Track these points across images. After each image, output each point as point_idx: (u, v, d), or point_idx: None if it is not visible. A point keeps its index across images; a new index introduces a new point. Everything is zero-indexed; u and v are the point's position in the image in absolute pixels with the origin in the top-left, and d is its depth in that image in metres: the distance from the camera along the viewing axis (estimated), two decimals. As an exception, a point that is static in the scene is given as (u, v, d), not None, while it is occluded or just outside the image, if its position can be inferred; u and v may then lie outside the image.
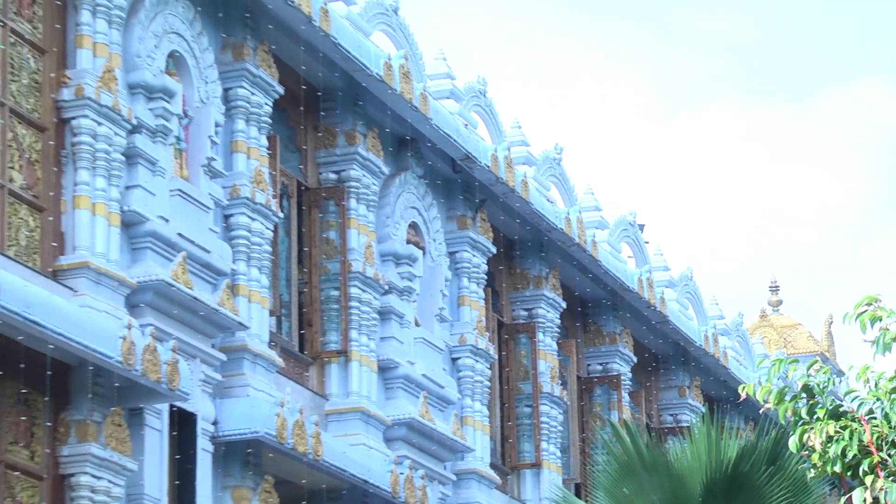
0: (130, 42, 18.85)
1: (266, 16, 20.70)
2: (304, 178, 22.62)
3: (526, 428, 26.44)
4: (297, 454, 19.79)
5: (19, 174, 17.62)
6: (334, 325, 22.21)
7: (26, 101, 17.83)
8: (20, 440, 17.03)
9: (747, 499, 15.45)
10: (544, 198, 26.74)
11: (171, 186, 19.06)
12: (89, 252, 17.82)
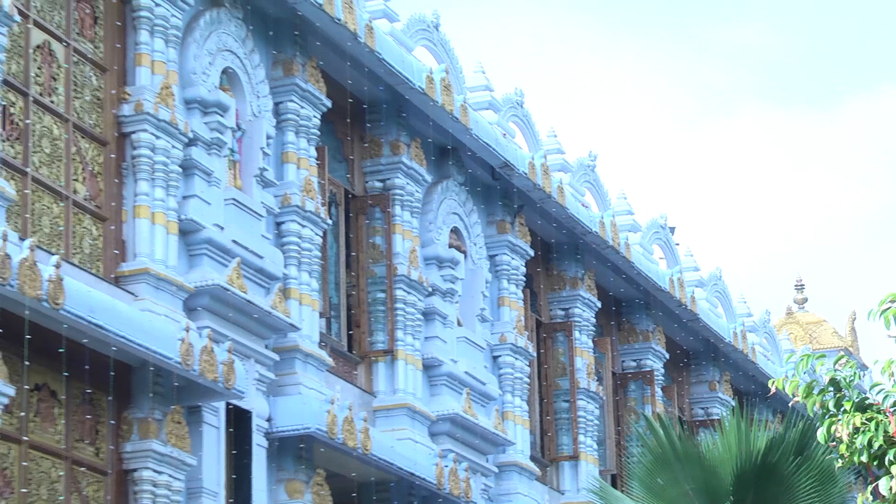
0: (186, 59, 18.92)
1: (314, 33, 20.73)
2: (351, 186, 22.65)
3: (564, 422, 26.42)
4: (347, 449, 19.81)
5: (83, 186, 17.68)
6: (381, 325, 22.23)
7: (89, 116, 17.89)
8: (86, 438, 17.09)
9: (776, 488, 15.41)
10: (579, 203, 26.73)
11: (226, 196, 19.12)
12: (149, 259, 17.88)
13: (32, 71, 17.13)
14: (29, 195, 16.77)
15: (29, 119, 16.96)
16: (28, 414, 16.29)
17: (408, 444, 21.43)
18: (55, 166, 17.32)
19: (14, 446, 16.13)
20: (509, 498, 24.08)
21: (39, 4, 17.36)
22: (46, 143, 17.25)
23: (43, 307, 15.56)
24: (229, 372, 17.72)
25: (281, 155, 20.51)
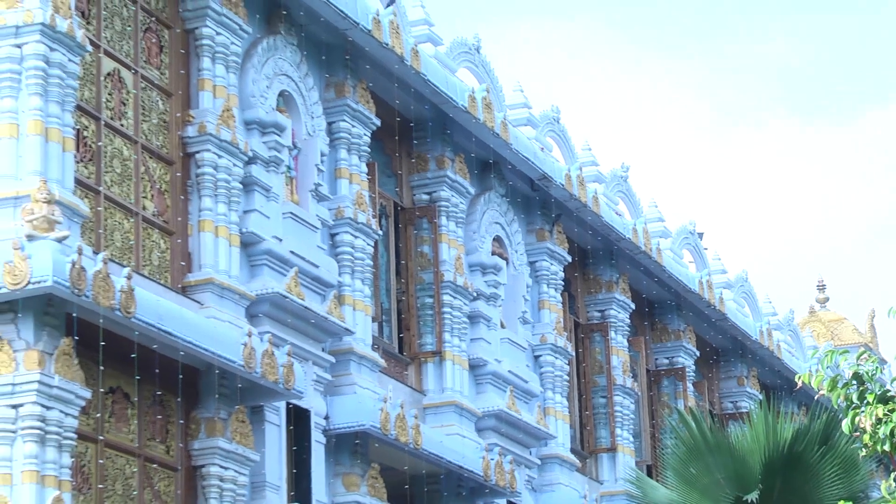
0: (245, 84, 18.97)
1: (364, 57, 20.77)
2: (399, 199, 22.66)
3: (602, 416, 26.37)
4: (399, 444, 19.81)
5: (151, 202, 17.73)
6: (429, 328, 22.22)
7: (156, 138, 17.94)
8: (157, 436, 17.13)
9: (802, 476, 15.35)
10: (613, 211, 26.69)
11: (284, 210, 19.16)
12: (213, 269, 17.92)
13: (104, 97, 17.20)
14: (102, 212, 16.83)
15: (101, 141, 17.02)
16: (103, 415, 16.36)
17: (456, 438, 21.42)
18: (125, 185, 17.38)
19: (91, 445, 16.18)
20: (552, 488, 24.06)
21: (109, 35, 17.44)
22: (117, 164, 17.32)
23: (116, 316, 15.61)
24: (289, 374, 17.76)
25: (334, 171, 20.55)
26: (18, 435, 15.18)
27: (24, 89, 15.89)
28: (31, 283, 14.96)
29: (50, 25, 15.89)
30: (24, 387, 15.19)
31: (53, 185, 15.66)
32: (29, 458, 15.13)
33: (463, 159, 22.99)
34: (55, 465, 15.29)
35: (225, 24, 18.51)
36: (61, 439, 15.38)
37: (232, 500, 17.48)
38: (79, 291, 15.10)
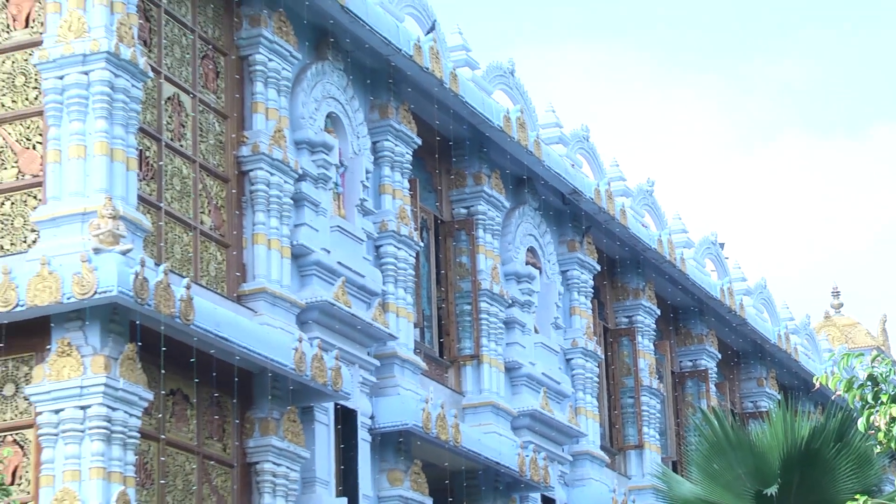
0: (296, 106, 19.01)
1: (405, 81, 20.79)
2: (439, 213, 22.67)
3: (629, 415, 26.32)
4: (440, 442, 19.81)
5: (208, 217, 17.78)
6: (468, 333, 22.22)
7: (213, 157, 18.00)
8: (214, 435, 17.17)
9: (819, 471, 15.29)
10: (640, 223, 26.64)
11: (331, 223, 19.18)
12: (266, 279, 17.95)
13: (164, 119, 17.26)
14: (163, 226, 16.88)
15: (162, 161, 17.09)
16: (165, 415, 16.41)
17: (493, 436, 21.40)
18: (184, 201, 17.43)
19: (153, 443, 16.23)
20: (583, 483, 24.00)
21: (169, 62, 17.51)
22: (177, 182, 17.37)
23: (176, 323, 15.67)
24: (337, 376, 17.78)
25: (378, 187, 20.57)
26: (86, 434, 15.24)
27: (90, 113, 15.97)
28: (97, 293, 15.04)
29: (115, 54, 15.97)
30: (92, 389, 15.25)
31: (118, 201, 15.72)
32: (96, 455, 15.18)
33: (498, 175, 22.99)
34: (120, 462, 15.33)
35: (276, 51, 18.57)
36: (126, 438, 15.44)
37: (284, 494, 17.50)
38: (142, 301, 15.16)
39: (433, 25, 21.66)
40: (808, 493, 15.27)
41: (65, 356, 15.36)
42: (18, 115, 16.56)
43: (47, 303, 15.19)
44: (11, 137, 16.56)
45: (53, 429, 15.31)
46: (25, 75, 16.58)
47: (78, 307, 15.26)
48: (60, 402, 15.32)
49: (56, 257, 15.38)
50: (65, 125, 16.03)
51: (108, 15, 16.13)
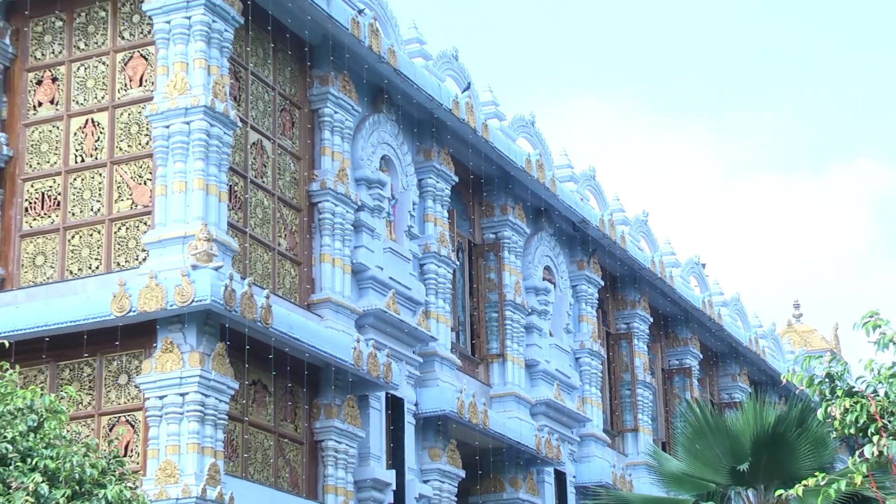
0: (356, 150, 19.06)
1: (446, 130, 20.83)
2: (472, 237, 22.68)
3: (627, 404, 26.24)
4: (471, 425, 19.79)
5: (284, 240, 17.85)
6: (495, 336, 22.20)
7: (288, 191, 18.07)
8: (288, 418, 17.20)
9: (783, 451, 15.17)
10: (636, 247, 26.58)
11: (384, 246, 19.20)
12: (331, 291, 17.98)
13: (249, 160, 17.35)
14: (247, 247, 16.96)
15: (247, 194, 17.17)
16: (248, 401, 16.46)
17: (515, 421, 21.36)
18: (265, 227, 17.49)
19: (238, 424, 16.28)
20: (588, 459, 23.92)
21: (254, 114, 17.59)
22: (259, 211, 17.44)
23: (257, 326, 15.71)
24: (388, 371, 17.78)
25: (423, 216, 20.60)
26: (184, 416, 15.29)
27: (190, 155, 16.06)
28: (194, 302, 15.10)
29: (210, 107, 16.05)
30: (189, 380, 15.32)
31: (212, 227, 15.79)
32: (192, 433, 15.23)
33: (521, 207, 22.98)
34: (212, 439, 15.38)
35: (341, 105, 18.63)
36: (216, 420, 15.48)
37: (344, 467, 17.52)
38: (230, 308, 15.22)
39: (468, 85, 21.69)
40: (774, 470, 15.17)
41: (167, 352, 15.43)
42: (133, 157, 16.68)
43: (154, 309, 15.26)
44: (127, 175, 16.67)
45: (158, 411, 15.37)
46: (139, 125, 16.69)
47: (179, 313, 15.33)
48: (164, 389, 15.38)
49: (161, 272, 15.45)
50: (170, 165, 16.12)
51: (205, 76, 16.23)
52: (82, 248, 16.60)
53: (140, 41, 16.87)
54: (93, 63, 17.11)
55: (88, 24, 17.22)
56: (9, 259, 16.87)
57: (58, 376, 15.99)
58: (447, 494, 19.75)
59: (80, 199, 16.77)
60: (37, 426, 9.64)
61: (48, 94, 17.25)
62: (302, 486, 17.11)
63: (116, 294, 15.41)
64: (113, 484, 9.71)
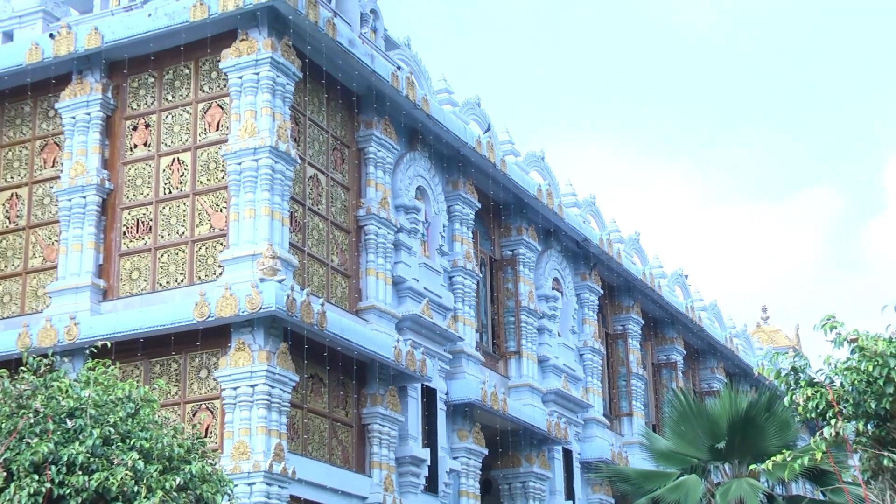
0: (395, 182, 19.09)
1: (470, 164, 20.83)
2: (493, 254, 22.65)
3: (623, 393, 26.12)
4: (493, 411, 19.76)
5: (336, 257, 17.88)
6: (512, 336, 22.16)
7: (339, 217, 18.10)
8: (340, 405, 17.22)
9: (754, 431, 15.11)
10: (630, 261, 26.48)
11: (419, 261, 19.21)
12: (375, 299, 18.00)
13: (307, 191, 17.40)
14: (305, 263, 17.00)
15: (305, 219, 17.21)
16: (306, 391, 16.49)
17: (529, 407, 21.32)
18: (320, 246, 17.53)
19: (299, 411, 16.31)
20: (591, 439, 23.83)
21: (311, 153, 17.65)
22: (315, 233, 17.48)
23: (314, 329, 15.76)
24: (423, 366, 17.79)
25: (451, 236, 20.59)
26: (254, 404, 15.33)
27: (258, 187, 16.13)
28: (262, 309, 15.16)
29: (275, 148, 16.13)
30: (258, 374, 15.37)
31: (276, 246, 15.84)
32: (260, 418, 15.27)
33: (533, 229, 22.96)
34: (277, 423, 15.42)
35: (383, 145, 18.68)
36: (280, 407, 15.52)
37: (387, 445, 17.51)
38: (291, 314, 15.27)
39: (489, 127, 21.71)
40: (747, 448, 15.10)
41: (240, 351, 15.48)
42: (211, 188, 16.77)
43: (229, 315, 15.33)
44: (206, 203, 16.75)
45: (232, 400, 15.41)
46: (216, 162, 16.78)
47: (249, 318, 15.40)
48: (237, 382, 15.42)
49: (234, 284, 15.51)
50: (241, 195, 16.19)
51: (270, 122, 16.31)
52: (169, 264, 16.69)
53: (217, 93, 16.97)
54: (178, 112, 17.21)
55: (175, 80, 17.33)
56: (110, 274, 16.98)
57: (150, 371, 16.07)
58: (473, 469, 19.72)
59: (167, 224, 16.86)
60: (134, 412, 9.67)
61: (142, 138, 17.37)
62: (352, 462, 17.12)
63: (198, 303, 15.48)
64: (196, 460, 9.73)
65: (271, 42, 16.40)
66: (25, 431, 9.03)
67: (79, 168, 17.21)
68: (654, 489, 15.53)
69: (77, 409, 9.37)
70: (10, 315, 17.44)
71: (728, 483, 14.93)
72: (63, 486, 8.82)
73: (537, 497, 21.42)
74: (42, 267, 17.47)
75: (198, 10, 16.58)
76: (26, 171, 18.02)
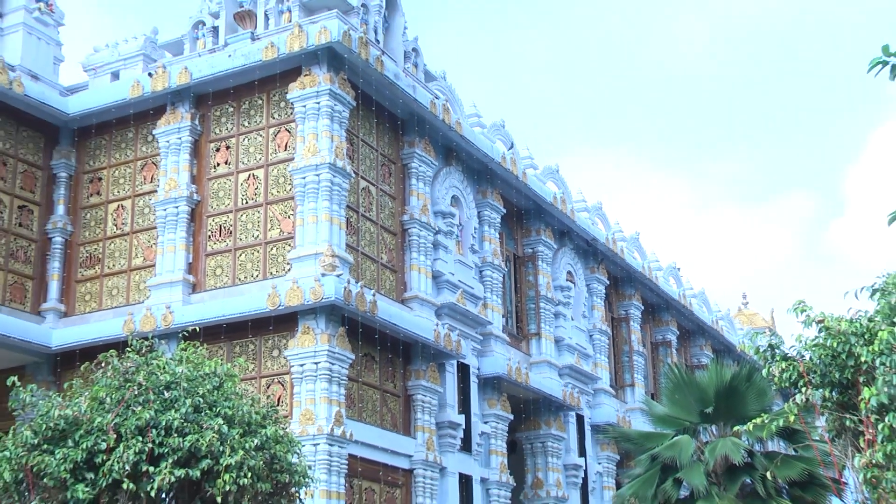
0: (434, 191, 19.07)
1: (496, 176, 20.78)
2: (516, 251, 22.58)
3: (626, 367, 25.97)
4: (518, 383, 19.71)
5: (385, 255, 17.89)
6: (532, 320, 22.10)
7: (387, 221, 18.12)
8: (389, 379, 17.23)
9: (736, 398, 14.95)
10: (632, 257, 26.31)
11: (455, 258, 19.17)
12: (418, 290, 17.99)
13: (360, 200, 17.43)
14: (359, 260, 17.04)
15: (359, 224, 17.24)
16: (361, 367, 16.51)
17: (547, 379, 21.25)
18: (371, 246, 17.56)
19: (355, 384, 16.28)
20: (599, 406, 23.72)
21: (363, 168, 17.68)
22: (367, 235, 17.52)
23: (367, 315, 15.79)
24: (458, 346, 17.79)
25: (481, 237, 20.54)
26: (318, 378, 15.39)
27: (319, 197, 16.20)
28: (323, 299, 15.22)
29: (333, 164, 16.19)
30: (320, 353, 15.42)
31: (335, 246, 15.90)
32: (323, 390, 15.33)
33: (550, 230, 22.87)
34: (336, 394, 15.48)
35: (423, 161, 18.68)
36: (339, 380, 15.57)
37: (429, 412, 17.52)
38: (347, 303, 15.31)
39: (511, 145, 21.67)
40: (730, 412, 14.99)
41: (305, 334, 15.55)
42: (281, 199, 16.85)
43: (296, 304, 15.40)
44: (276, 211, 16.84)
45: (299, 375, 15.49)
46: (284, 177, 16.87)
47: (313, 307, 15.46)
48: (303, 360, 15.50)
49: (301, 279, 15.58)
50: (305, 204, 16.26)
51: (329, 143, 16.37)
52: (246, 262, 16.80)
53: (285, 119, 17.06)
54: (253, 135, 17.32)
55: (250, 109, 17.45)
56: (198, 271, 17.13)
57: (231, 351, 16.18)
58: (500, 431, 19.70)
59: (245, 229, 16.97)
60: (219, 385, 9.76)
61: (223, 157, 17.50)
62: (399, 426, 17.16)
63: (270, 294, 15.58)
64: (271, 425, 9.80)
65: (330, 76, 16.46)
66: (131, 401, 9.14)
67: (172, 183, 17.37)
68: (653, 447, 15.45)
69: (172, 382, 9.47)
70: (117, 305, 17.64)
71: (715, 441, 14.84)
72: (162, 446, 8.92)
73: (555, 454, 21.38)
74: (143, 265, 17.65)
75: (269, 50, 16.71)
76: (129, 187, 18.22)
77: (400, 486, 16.89)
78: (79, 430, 8.70)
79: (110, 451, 8.65)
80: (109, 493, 8.53)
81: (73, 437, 8.67)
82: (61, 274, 17.96)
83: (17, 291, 17.65)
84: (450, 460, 17.85)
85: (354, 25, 17.45)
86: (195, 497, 8.95)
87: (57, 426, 8.67)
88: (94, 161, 18.47)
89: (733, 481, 14.52)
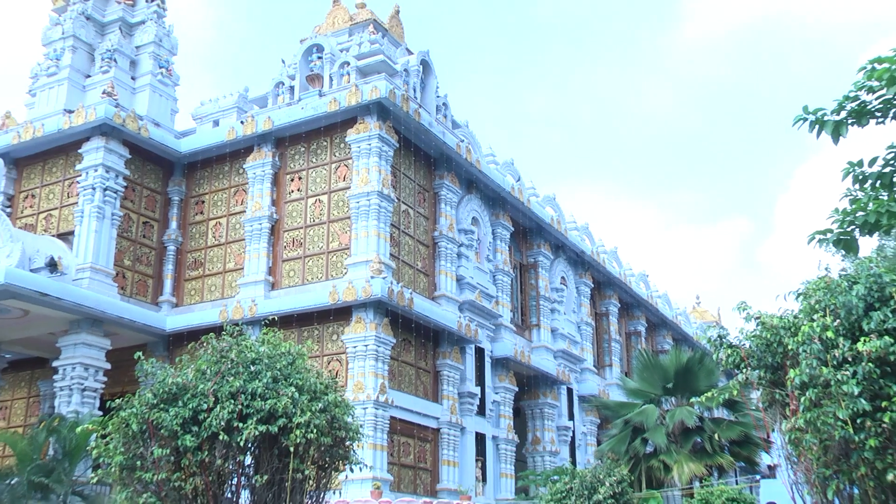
0: (458, 213, 19.08)
1: (507, 203, 20.75)
2: (522, 261, 22.51)
3: (606, 351, 25.82)
4: (522, 363, 19.63)
5: (419, 262, 17.91)
6: (534, 314, 22.01)
7: (422, 237, 18.13)
8: (421, 359, 17.21)
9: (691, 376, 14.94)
10: (612, 266, 26.05)
11: (474, 266, 19.13)
12: (445, 290, 17.97)
13: (401, 220, 17.49)
14: (400, 267, 17.10)
15: (400, 238, 17.32)
16: (399, 350, 16.53)
17: (545, 360, 21.16)
18: (410, 255, 17.62)
19: (395, 362, 16.31)
20: (585, 381, 23.55)
21: (403, 195, 17.75)
22: (406, 248, 17.56)
23: (405, 309, 15.81)
24: (476, 333, 17.76)
25: (495, 249, 20.50)
26: (367, 357, 15.45)
27: (369, 217, 16.29)
28: (372, 296, 15.28)
29: (380, 192, 16.28)
30: (369, 338, 15.48)
31: (381, 255, 15.98)
32: (371, 366, 15.37)
33: (549, 245, 22.81)
34: (381, 369, 15.51)
35: (450, 190, 18.71)
36: (383, 359, 15.61)
37: (452, 385, 17.48)
38: (390, 299, 15.36)
39: (519, 178, 21.65)
40: (686, 387, 14.99)
41: (358, 323, 15.62)
42: (340, 218, 16.96)
43: (351, 300, 15.47)
44: (336, 228, 16.95)
45: (353, 354, 15.55)
46: (343, 202, 16.99)
47: (364, 302, 15.52)
48: (356, 343, 15.57)
49: (354, 280, 15.66)
50: (359, 222, 16.36)
51: (378, 175, 16.47)
52: (313, 267, 16.94)
53: (344, 157, 17.21)
54: (319, 169, 17.49)
55: (317, 148, 17.62)
56: (276, 273, 17.30)
57: (301, 335, 16.30)
58: (508, 400, 19.64)
59: (312, 242, 17.13)
60: (292, 362, 9.88)
61: (297, 186, 17.68)
62: (430, 395, 17.16)
63: (331, 292, 15.70)
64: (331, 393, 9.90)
65: (379, 124, 16.61)
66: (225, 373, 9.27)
67: (257, 206, 17.57)
68: (626, 414, 15.47)
69: (256, 359, 9.59)
70: (215, 299, 17.86)
71: (674, 410, 14.85)
72: (248, 407, 9.05)
73: (550, 419, 21.31)
74: (235, 268, 17.87)
75: (332, 104, 16.91)
76: (225, 208, 18.45)
77: (430, 441, 16.92)
78: (186, 394, 8.86)
79: (210, 410, 8.80)
80: (209, 443, 8.68)
81: (182, 399, 8.84)
82: (173, 274, 18.25)
83: (140, 287, 17.98)
84: (468, 422, 17.85)
85: (398, 85, 17.64)
86: (273, 447, 9.07)
87: (170, 390, 8.84)
88: (199, 188, 18.76)
89: (687, 440, 14.56)
